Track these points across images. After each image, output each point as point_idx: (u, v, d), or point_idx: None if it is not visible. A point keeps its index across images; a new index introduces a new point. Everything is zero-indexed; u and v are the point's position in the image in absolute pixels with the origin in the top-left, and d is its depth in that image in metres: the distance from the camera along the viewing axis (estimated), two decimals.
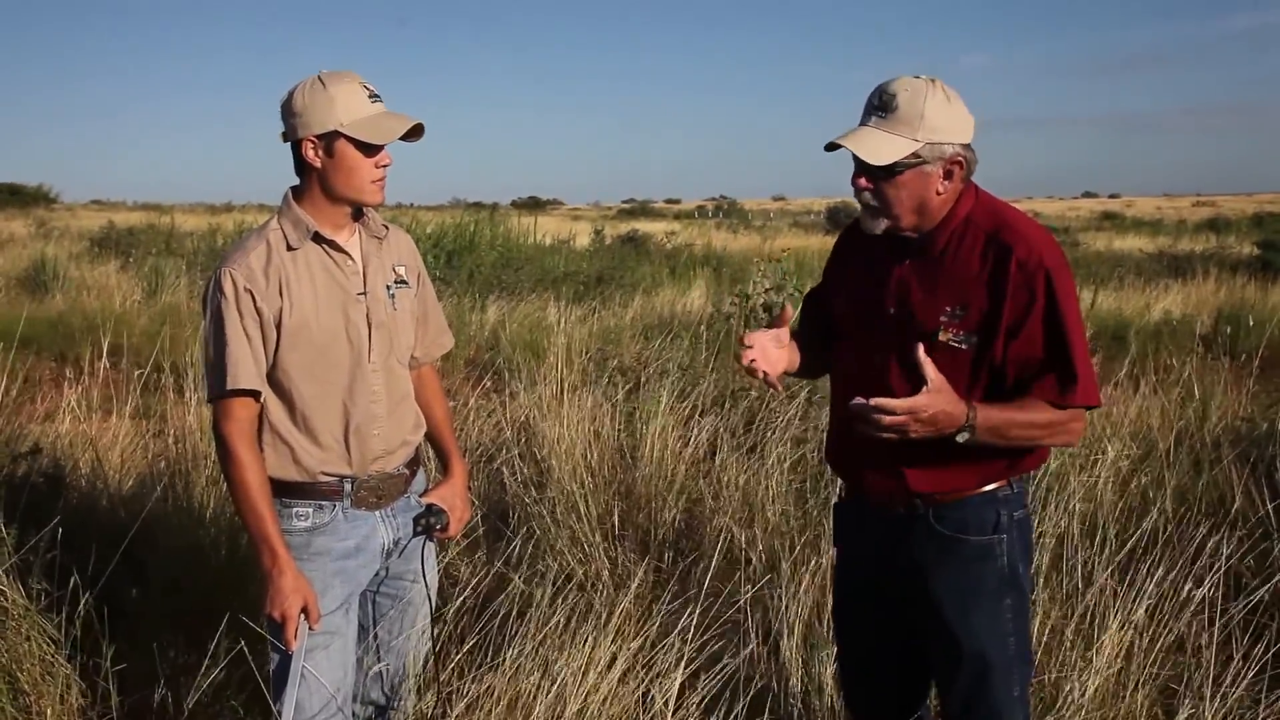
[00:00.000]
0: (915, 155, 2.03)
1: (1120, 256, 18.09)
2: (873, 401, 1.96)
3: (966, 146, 2.09)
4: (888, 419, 1.95)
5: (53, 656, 2.81)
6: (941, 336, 2.05)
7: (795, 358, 2.25)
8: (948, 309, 2.06)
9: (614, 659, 2.65)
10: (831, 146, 2.08)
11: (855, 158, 2.07)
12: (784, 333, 2.22)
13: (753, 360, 2.14)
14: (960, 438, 1.99)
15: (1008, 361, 2.04)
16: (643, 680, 2.67)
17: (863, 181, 2.09)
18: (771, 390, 2.21)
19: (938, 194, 2.08)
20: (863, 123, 2.08)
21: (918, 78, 2.07)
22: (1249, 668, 2.85)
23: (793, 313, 2.26)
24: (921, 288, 2.11)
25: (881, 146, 2.03)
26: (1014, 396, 2.04)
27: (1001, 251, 2.03)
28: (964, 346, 2.05)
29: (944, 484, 2.12)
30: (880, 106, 2.06)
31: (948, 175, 2.07)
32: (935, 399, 1.95)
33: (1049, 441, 2.10)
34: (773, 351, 2.19)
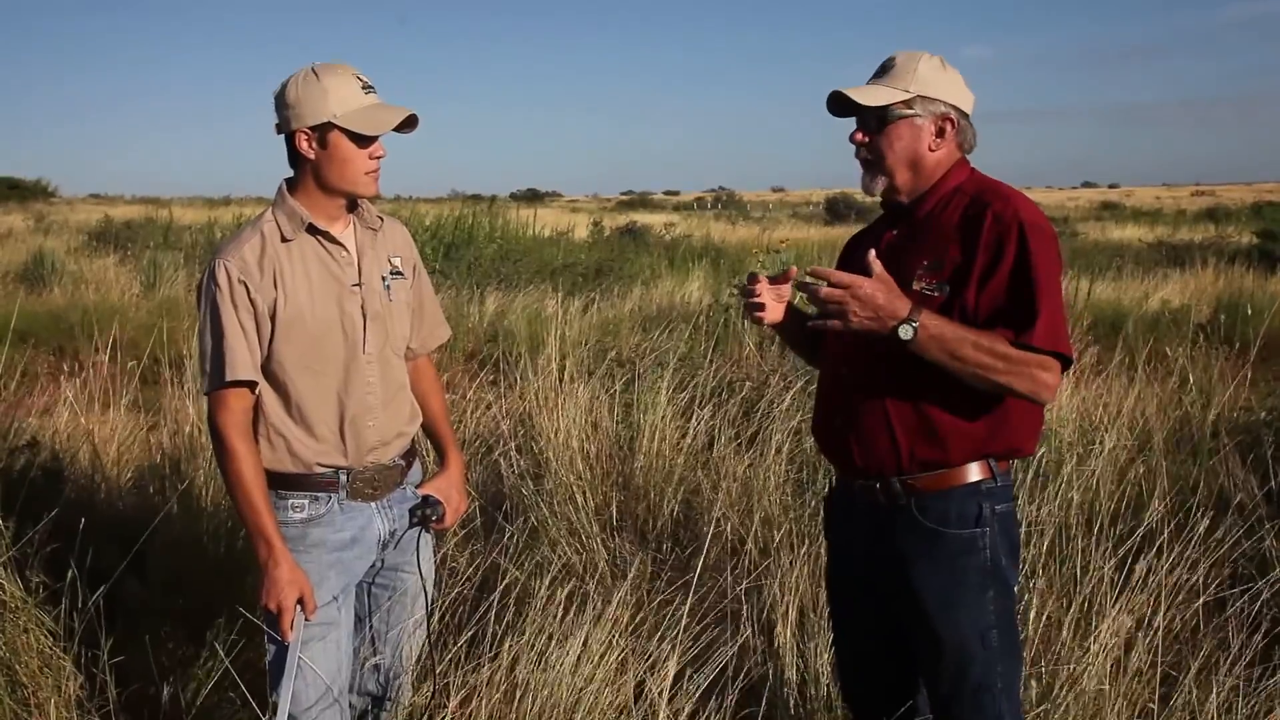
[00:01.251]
0: (907, 105, 2.15)
1: (1119, 246, 18.10)
2: (811, 268, 2.07)
3: (962, 113, 2.19)
4: (824, 290, 2.02)
5: (51, 649, 2.81)
6: (915, 286, 2.10)
7: (784, 320, 2.33)
8: (925, 263, 2.12)
9: (609, 648, 2.65)
10: (834, 104, 2.19)
11: (855, 113, 2.19)
12: (785, 289, 2.31)
13: (759, 296, 2.25)
14: (902, 332, 1.99)
15: (979, 309, 2.05)
16: (638, 670, 2.68)
17: (859, 135, 2.21)
18: (756, 324, 2.34)
19: (930, 150, 2.17)
20: (865, 84, 2.22)
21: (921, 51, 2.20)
22: (1244, 656, 2.85)
23: (797, 272, 2.30)
24: (904, 246, 2.18)
25: (875, 93, 2.17)
26: None
27: (979, 208, 2.10)
28: (935, 294, 2.09)
29: (921, 451, 2.12)
30: (880, 70, 2.22)
31: (940, 133, 2.17)
32: (874, 284, 2.01)
33: (1009, 380, 2.01)
34: (771, 299, 2.28)
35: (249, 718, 2.64)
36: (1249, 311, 8.43)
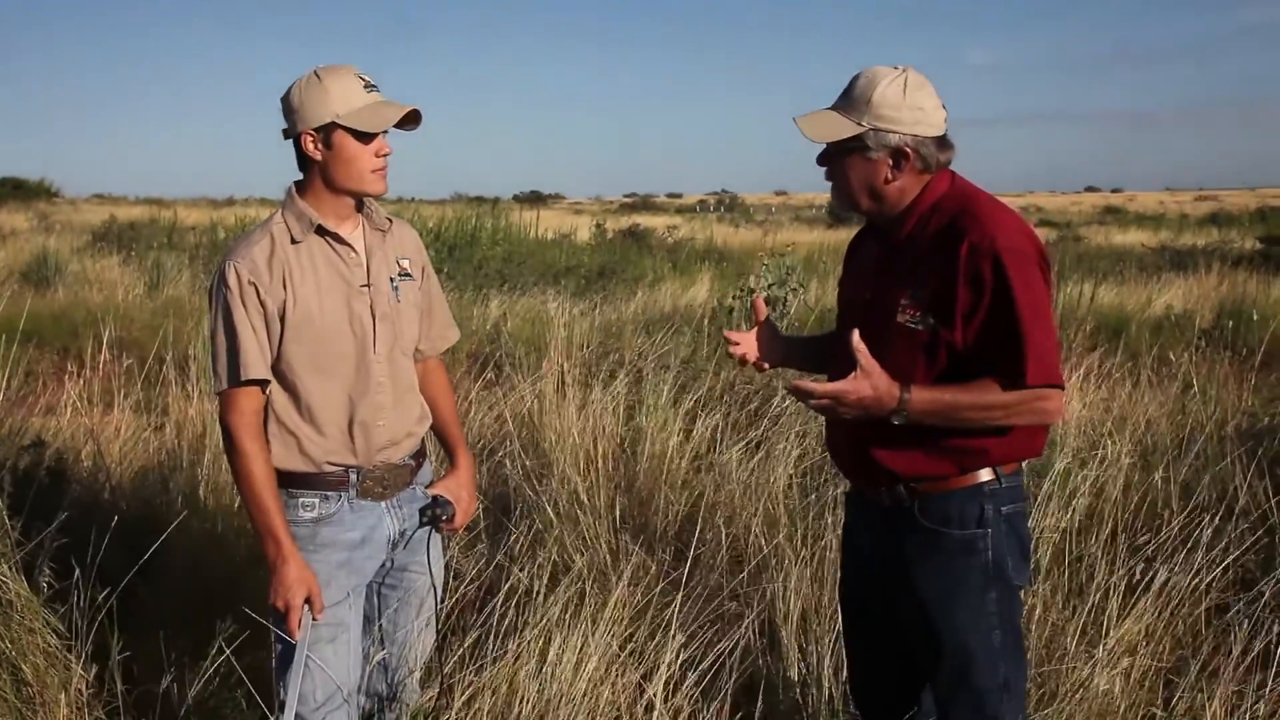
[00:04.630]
0: (857, 139, 2.09)
1: (1122, 251, 18.08)
2: (793, 384, 2.08)
3: (926, 140, 2.10)
4: (813, 402, 2.05)
5: (57, 648, 2.81)
6: (899, 319, 2.09)
7: (782, 354, 2.42)
8: (908, 292, 2.09)
9: (610, 649, 2.65)
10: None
11: None
12: (762, 326, 2.38)
13: (742, 352, 2.35)
14: (894, 420, 2.03)
15: (967, 345, 2.04)
16: (639, 671, 2.68)
17: (819, 162, 2.20)
18: (758, 371, 2.44)
19: (887, 181, 2.12)
20: (829, 106, 2.16)
21: (894, 68, 2.11)
22: (1246, 660, 2.85)
23: (764, 306, 2.40)
24: (889, 272, 2.16)
25: (825, 127, 2.11)
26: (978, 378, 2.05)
27: (956, 236, 2.05)
28: (919, 328, 2.07)
29: (921, 468, 2.13)
30: (844, 91, 2.15)
31: (897, 165, 2.11)
32: (859, 384, 2.01)
33: (1017, 420, 2.04)
34: (751, 342, 2.37)
35: (256, 718, 2.65)
36: (1253, 317, 8.43)
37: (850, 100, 2.11)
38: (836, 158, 2.15)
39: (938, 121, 2.11)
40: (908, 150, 2.09)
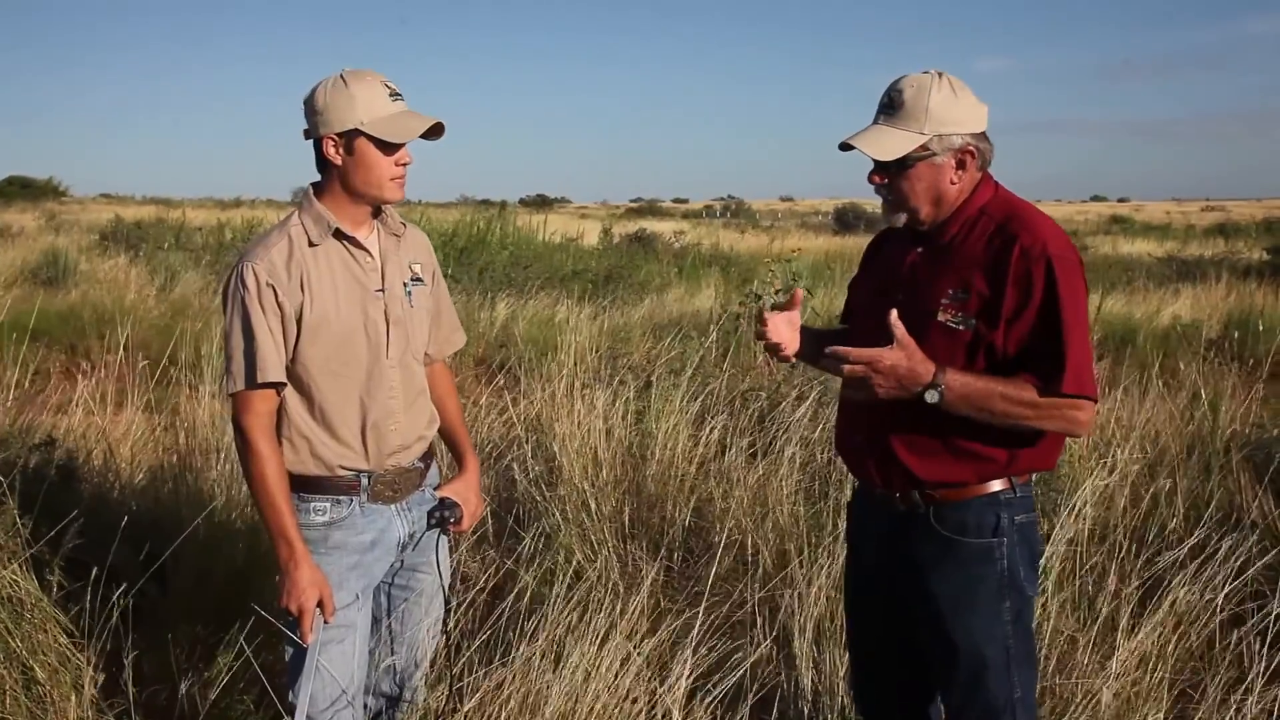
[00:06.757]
0: (924, 148, 2.11)
1: (1129, 261, 18.06)
2: (829, 350, 2.06)
3: (979, 136, 2.14)
4: (846, 367, 2.04)
5: (68, 648, 2.82)
6: (940, 317, 2.09)
7: (798, 342, 2.35)
8: (950, 291, 2.10)
9: (627, 657, 2.65)
10: (845, 147, 2.15)
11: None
12: (795, 315, 2.32)
13: (778, 339, 2.26)
14: (928, 397, 2.02)
15: (1008, 348, 2.06)
16: (653, 679, 2.68)
17: (878, 178, 2.17)
18: (783, 362, 2.38)
19: (952, 183, 2.14)
20: (874, 122, 2.16)
21: (925, 73, 2.14)
22: (1261, 675, 2.84)
23: (803, 295, 2.36)
24: (928, 271, 2.16)
25: (889, 142, 2.12)
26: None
27: (1006, 239, 2.07)
28: (961, 328, 2.08)
29: (940, 473, 2.13)
30: (888, 105, 2.15)
31: (960, 165, 2.14)
32: (895, 354, 2.02)
33: (1042, 424, 2.05)
34: (785, 330, 2.30)
35: (265, 718, 2.65)
36: (1260, 328, 8.42)
37: (902, 112, 2.12)
38: (898, 171, 2.14)
39: (983, 116, 2.16)
40: (971, 149, 2.12)
